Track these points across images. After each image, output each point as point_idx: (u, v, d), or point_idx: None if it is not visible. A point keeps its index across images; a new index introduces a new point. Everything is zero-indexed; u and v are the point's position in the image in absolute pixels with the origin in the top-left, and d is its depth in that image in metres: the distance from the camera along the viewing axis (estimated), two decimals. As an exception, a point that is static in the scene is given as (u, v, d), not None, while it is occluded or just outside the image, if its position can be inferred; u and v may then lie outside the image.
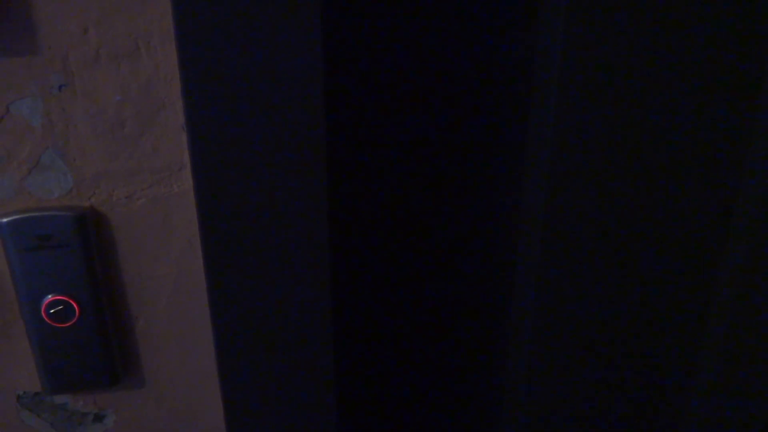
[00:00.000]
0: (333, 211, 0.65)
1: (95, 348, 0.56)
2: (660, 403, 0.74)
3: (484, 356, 0.76)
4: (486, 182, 0.66)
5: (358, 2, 0.57)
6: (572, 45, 0.53)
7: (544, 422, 0.72)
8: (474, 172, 0.65)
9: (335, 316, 0.71)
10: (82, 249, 0.52)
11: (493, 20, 0.59)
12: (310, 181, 0.51)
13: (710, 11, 0.54)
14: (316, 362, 0.59)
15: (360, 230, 0.67)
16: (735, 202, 0.63)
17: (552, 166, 0.58)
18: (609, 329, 0.68)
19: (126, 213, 0.53)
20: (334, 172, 0.63)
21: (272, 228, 0.53)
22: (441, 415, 0.80)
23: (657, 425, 0.76)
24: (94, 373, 0.57)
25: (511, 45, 0.60)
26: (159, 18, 0.47)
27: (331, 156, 0.62)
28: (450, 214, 0.67)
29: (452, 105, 0.62)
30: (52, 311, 0.53)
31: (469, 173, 0.65)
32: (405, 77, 0.60)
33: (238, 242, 0.53)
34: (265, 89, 0.48)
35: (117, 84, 0.48)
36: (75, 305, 0.54)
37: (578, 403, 0.72)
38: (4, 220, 0.50)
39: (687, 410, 0.75)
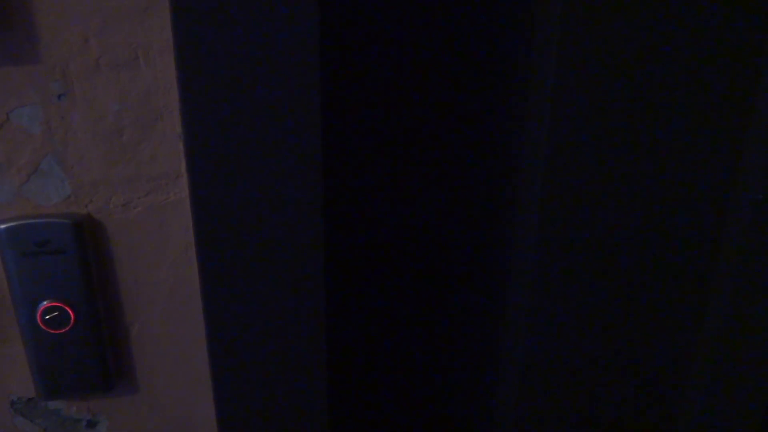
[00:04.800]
0: (328, 215, 0.65)
1: (90, 354, 0.56)
2: (656, 400, 0.75)
3: (478, 355, 0.76)
4: (482, 182, 0.67)
5: (355, 10, 0.58)
6: (568, 43, 0.54)
7: (540, 420, 0.72)
8: (470, 171, 0.66)
9: (329, 323, 0.71)
10: (78, 255, 0.53)
11: (491, 16, 0.60)
12: (305, 189, 0.52)
13: (707, 11, 0.55)
14: (309, 369, 0.59)
15: (355, 234, 0.67)
16: (730, 200, 0.64)
17: (548, 165, 0.59)
18: (604, 327, 0.69)
19: (123, 220, 0.53)
20: (330, 174, 0.64)
21: (267, 236, 0.53)
22: (435, 419, 0.80)
23: (654, 423, 0.76)
24: (88, 379, 0.57)
25: (509, 43, 0.61)
26: (158, 29, 0.48)
27: (327, 161, 0.63)
28: (445, 214, 0.68)
29: (448, 104, 0.63)
30: (47, 317, 0.54)
31: (465, 172, 0.66)
32: (401, 77, 0.61)
33: (233, 250, 0.54)
34: (261, 99, 0.49)
35: (116, 93, 0.49)
36: (70, 311, 0.54)
37: (574, 402, 0.72)
38: (2, 226, 0.51)
39: (683, 409, 0.75)
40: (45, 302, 0.54)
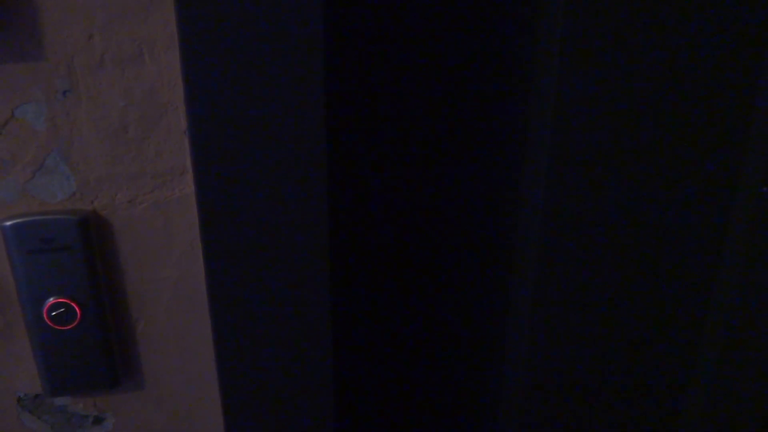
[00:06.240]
0: (333, 214, 0.65)
1: (96, 350, 0.56)
2: (657, 401, 0.75)
3: (481, 355, 0.76)
4: (485, 183, 0.66)
5: (360, 7, 0.58)
6: (571, 43, 0.54)
7: (543, 421, 0.72)
8: (473, 173, 0.66)
9: (335, 320, 0.71)
10: (84, 252, 0.53)
11: (494, 17, 0.60)
12: (310, 186, 0.52)
13: (707, 11, 0.55)
14: (315, 366, 0.59)
15: (360, 232, 0.67)
16: (733, 200, 0.64)
17: (551, 167, 0.59)
18: (608, 326, 0.69)
19: (128, 217, 0.53)
20: (336, 174, 0.64)
21: (272, 232, 0.53)
22: (439, 419, 0.80)
23: (654, 424, 0.76)
24: (94, 376, 0.57)
25: (511, 43, 0.61)
26: (163, 24, 0.48)
27: (332, 158, 0.63)
28: (449, 212, 0.68)
29: (452, 105, 0.63)
30: (53, 314, 0.54)
31: (470, 170, 0.66)
32: (404, 78, 0.61)
33: (239, 246, 0.54)
34: (266, 95, 0.49)
35: (121, 89, 0.49)
36: (76, 308, 0.54)
37: (576, 404, 0.72)
38: (8, 223, 0.51)
39: (684, 410, 0.75)
40: (51, 299, 0.54)
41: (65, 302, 0.54)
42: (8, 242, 0.51)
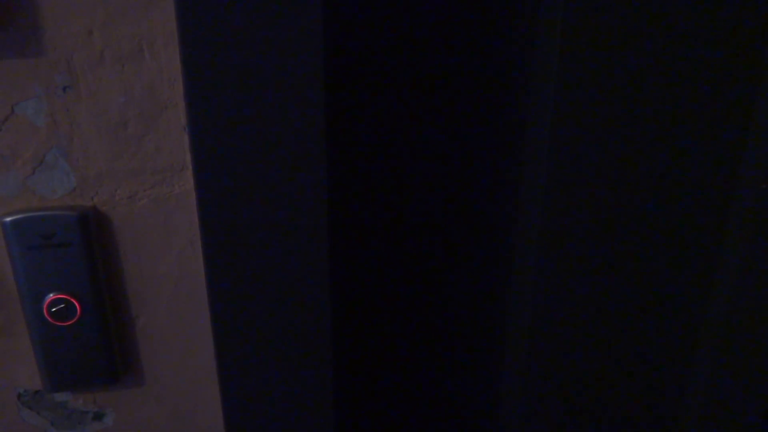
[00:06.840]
0: (333, 212, 0.65)
1: (96, 346, 0.56)
2: (657, 399, 0.75)
3: (481, 356, 0.76)
4: (484, 183, 0.66)
5: (360, 5, 0.58)
6: (570, 45, 0.54)
7: (543, 421, 0.72)
8: (472, 173, 0.66)
9: (334, 316, 0.71)
10: (84, 248, 0.53)
11: (493, 19, 0.60)
12: (310, 182, 0.52)
13: (707, 10, 0.55)
14: (315, 362, 0.59)
15: (359, 230, 0.68)
16: (732, 200, 0.64)
17: (550, 167, 0.59)
18: (606, 328, 0.69)
19: (128, 213, 0.53)
20: (335, 172, 0.64)
21: (272, 228, 0.53)
22: (440, 418, 0.80)
23: (655, 422, 0.76)
24: (94, 372, 0.57)
25: (511, 45, 0.61)
26: (163, 20, 0.48)
27: (332, 157, 0.63)
28: (448, 216, 0.68)
29: (451, 107, 0.63)
30: (53, 309, 0.54)
31: (468, 174, 0.66)
32: (405, 78, 0.61)
33: (239, 242, 0.54)
34: (266, 91, 0.49)
35: (121, 85, 0.49)
36: (76, 304, 0.54)
37: (576, 403, 0.72)
38: (8, 218, 0.51)
39: (685, 408, 0.75)
40: (51, 295, 0.54)
41: (65, 298, 0.54)
42: (8, 238, 0.52)
